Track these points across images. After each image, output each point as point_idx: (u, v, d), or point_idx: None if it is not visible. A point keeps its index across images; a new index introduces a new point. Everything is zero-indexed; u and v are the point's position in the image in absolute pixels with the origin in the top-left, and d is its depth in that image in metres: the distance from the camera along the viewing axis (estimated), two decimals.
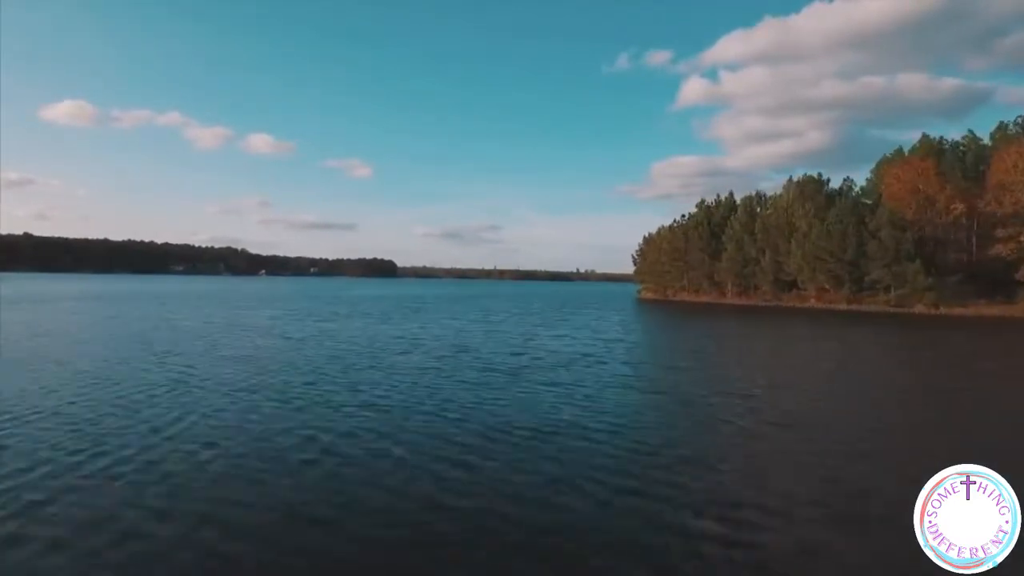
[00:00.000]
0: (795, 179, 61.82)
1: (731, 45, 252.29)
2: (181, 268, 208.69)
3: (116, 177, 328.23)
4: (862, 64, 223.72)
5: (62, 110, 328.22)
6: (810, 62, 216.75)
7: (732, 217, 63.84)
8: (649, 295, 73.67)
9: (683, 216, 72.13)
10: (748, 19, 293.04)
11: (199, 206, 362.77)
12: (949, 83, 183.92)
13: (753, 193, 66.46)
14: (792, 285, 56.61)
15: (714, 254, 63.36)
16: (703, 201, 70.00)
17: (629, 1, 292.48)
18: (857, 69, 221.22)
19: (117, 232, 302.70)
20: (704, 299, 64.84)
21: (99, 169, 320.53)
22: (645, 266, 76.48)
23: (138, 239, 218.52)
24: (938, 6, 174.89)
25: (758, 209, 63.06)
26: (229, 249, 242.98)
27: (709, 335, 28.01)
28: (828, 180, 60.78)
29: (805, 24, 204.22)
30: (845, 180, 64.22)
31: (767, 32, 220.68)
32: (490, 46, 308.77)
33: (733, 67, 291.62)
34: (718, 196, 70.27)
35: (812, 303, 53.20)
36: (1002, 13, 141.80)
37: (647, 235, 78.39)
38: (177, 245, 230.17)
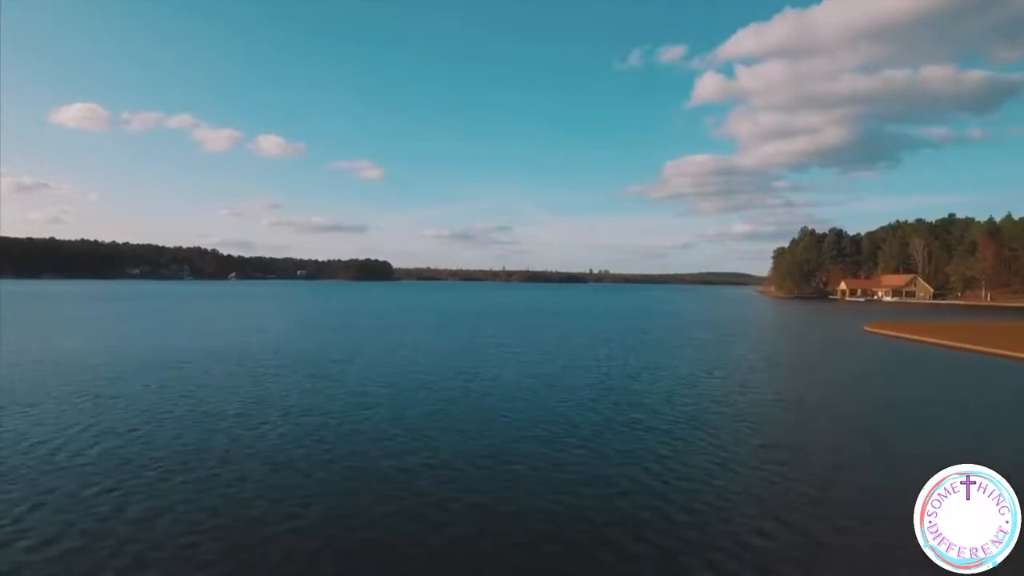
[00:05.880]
0: None
1: (747, 39, 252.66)
2: (138, 272, 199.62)
3: (126, 180, 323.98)
4: (884, 57, 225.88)
5: (73, 113, 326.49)
6: (828, 56, 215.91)
7: None
8: None
9: None
10: (765, 12, 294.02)
11: (209, 209, 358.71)
12: (976, 75, 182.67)
13: None
14: None
15: None
16: None
17: None
18: (878, 62, 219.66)
19: (125, 236, 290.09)
20: None
21: (109, 172, 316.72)
22: None
23: (92, 238, 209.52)
24: None
25: None
26: (197, 249, 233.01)
27: None
28: None
29: (824, 16, 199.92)
30: None
31: (784, 25, 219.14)
32: (500, 46, 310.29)
33: (748, 62, 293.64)
34: None
35: None
36: None
37: None
38: (136, 245, 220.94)
